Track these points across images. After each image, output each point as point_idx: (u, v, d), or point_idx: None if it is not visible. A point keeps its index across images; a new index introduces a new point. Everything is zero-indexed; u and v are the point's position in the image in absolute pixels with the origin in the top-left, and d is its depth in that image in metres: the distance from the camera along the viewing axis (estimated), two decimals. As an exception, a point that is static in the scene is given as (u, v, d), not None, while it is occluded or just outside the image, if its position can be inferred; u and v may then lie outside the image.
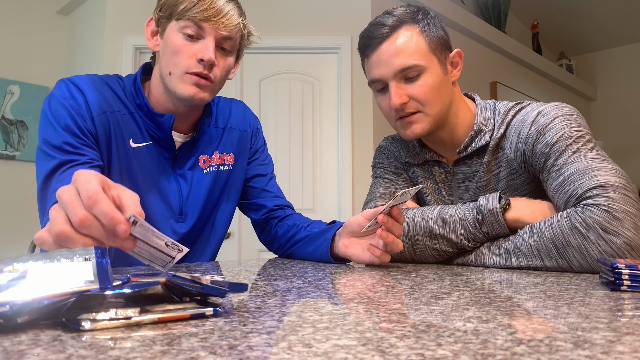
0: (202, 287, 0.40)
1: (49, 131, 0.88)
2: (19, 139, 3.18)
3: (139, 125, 0.97)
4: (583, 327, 0.36)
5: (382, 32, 0.96)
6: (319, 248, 0.96)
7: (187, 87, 0.91)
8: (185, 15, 0.89)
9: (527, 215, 0.87)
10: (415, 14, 0.98)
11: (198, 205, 1.04)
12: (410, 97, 0.96)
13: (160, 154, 0.99)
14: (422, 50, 0.96)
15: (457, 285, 0.60)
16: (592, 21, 5.23)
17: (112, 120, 0.93)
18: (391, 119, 1.01)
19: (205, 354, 0.29)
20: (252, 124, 1.17)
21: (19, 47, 3.23)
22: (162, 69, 0.94)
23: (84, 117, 0.90)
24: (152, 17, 0.96)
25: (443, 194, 1.10)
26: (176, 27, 0.91)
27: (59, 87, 0.92)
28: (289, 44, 2.94)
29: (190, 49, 0.90)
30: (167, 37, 0.93)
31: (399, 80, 0.96)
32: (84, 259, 0.40)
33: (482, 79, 3.97)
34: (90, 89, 0.93)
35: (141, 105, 0.97)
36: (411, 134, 0.99)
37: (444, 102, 0.98)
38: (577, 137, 0.89)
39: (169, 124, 0.96)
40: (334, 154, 2.94)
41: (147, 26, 0.97)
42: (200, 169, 1.04)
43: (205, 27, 0.90)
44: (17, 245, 3.00)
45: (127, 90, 0.97)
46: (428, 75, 0.96)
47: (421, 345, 0.31)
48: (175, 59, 0.91)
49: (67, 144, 0.87)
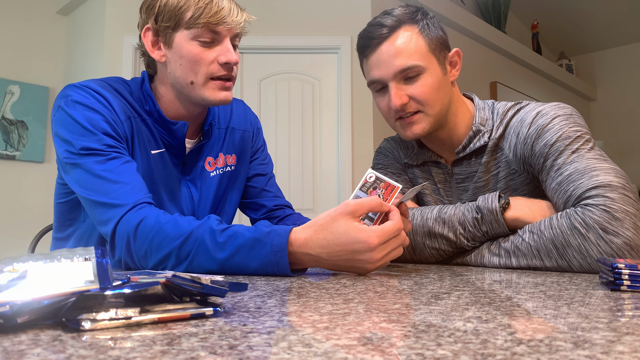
0: (202, 287, 0.40)
1: (85, 137, 0.84)
2: (19, 139, 3.18)
3: (153, 132, 0.95)
4: (583, 327, 0.36)
5: (381, 32, 0.96)
6: None
7: (218, 93, 0.91)
8: (196, 23, 0.87)
9: (527, 214, 0.87)
10: (415, 14, 0.98)
11: (207, 209, 1.04)
12: (410, 97, 0.96)
13: (171, 161, 0.99)
14: (422, 51, 0.96)
15: (457, 285, 0.60)
16: (592, 21, 5.23)
17: (135, 126, 0.92)
18: (390, 119, 1.01)
19: (205, 354, 0.29)
20: (253, 123, 1.17)
21: (19, 47, 3.23)
22: (178, 79, 0.92)
23: (116, 121, 0.88)
24: (148, 27, 0.92)
25: (442, 194, 1.10)
26: (189, 36, 0.89)
27: (77, 93, 0.88)
28: (289, 44, 2.94)
29: (209, 55, 0.90)
30: (179, 47, 0.90)
31: (398, 80, 0.96)
32: (84, 259, 0.40)
33: (482, 79, 3.97)
34: (109, 95, 0.90)
35: (151, 111, 0.95)
36: (411, 135, 0.99)
37: (443, 102, 0.98)
38: (576, 137, 0.89)
39: (183, 132, 0.95)
40: (334, 154, 2.94)
41: (144, 36, 0.93)
42: (207, 172, 1.04)
43: (220, 31, 0.89)
44: (17, 245, 3.00)
45: (135, 96, 0.95)
46: (427, 75, 0.96)
47: (421, 345, 0.31)
48: (196, 67, 0.90)
49: (109, 146, 0.84)
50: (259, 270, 0.70)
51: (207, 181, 1.04)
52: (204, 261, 0.72)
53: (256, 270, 0.70)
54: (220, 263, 0.71)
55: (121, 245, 0.78)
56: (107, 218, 0.80)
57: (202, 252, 0.72)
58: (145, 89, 0.95)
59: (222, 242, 0.71)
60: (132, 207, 0.78)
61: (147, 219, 0.76)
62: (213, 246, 0.71)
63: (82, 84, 0.91)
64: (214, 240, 0.71)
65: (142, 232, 0.75)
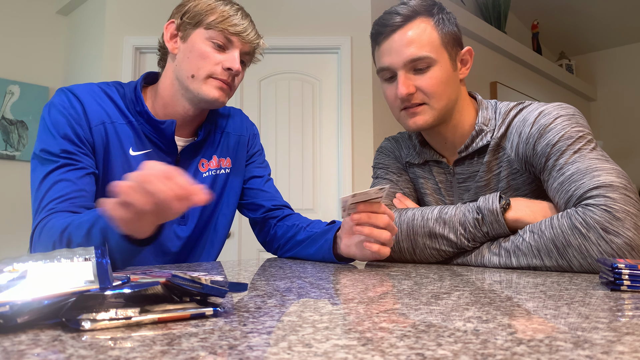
0: (202, 287, 0.40)
1: (47, 139, 0.90)
2: (19, 139, 3.18)
3: (139, 134, 0.99)
4: (583, 327, 0.36)
5: (395, 20, 0.97)
6: (321, 249, 0.96)
7: (212, 90, 0.97)
8: (216, 26, 0.96)
9: (527, 215, 0.87)
10: (432, 7, 0.98)
11: (198, 209, 1.06)
12: (417, 88, 0.96)
13: (162, 159, 1.00)
14: (434, 43, 0.96)
15: (457, 285, 0.60)
16: (592, 21, 5.23)
17: (110, 131, 0.96)
18: (395, 109, 1.01)
19: (205, 354, 0.29)
20: (249, 129, 1.20)
21: (19, 47, 3.23)
22: (182, 71, 0.98)
23: (83, 126, 0.93)
24: (173, 21, 1.00)
25: (443, 194, 1.10)
26: (204, 35, 0.97)
27: (58, 96, 0.94)
28: (289, 44, 2.94)
29: (216, 57, 0.96)
30: (192, 42, 0.97)
31: (408, 70, 0.96)
32: (84, 259, 0.40)
33: (482, 79, 3.97)
34: (89, 100, 0.95)
35: (142, 112, 0.99)
36: (414, 125, 0.99)
37: (450, 98, 0.98)
38: (579, 137, 0.89)
39: (171, 130, 0.98)
40: (334, 154, 2.94)
41: (167, 29, 1.01)
42: (200, 172, 1.07)
43: (233, 41, 0.98)
44: (17, 245, 3.00)
45: (128, 98, 1.00)
46: (437, 68, 0.96)
47: (421, 345, 0.31)
48: (200, 63, 0.96)
49: (64, 151, 0.90)
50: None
51: (199, 181, 1.05)
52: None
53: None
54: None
55: (35, 245, 0.84)
56: (34, 219, 0.87)
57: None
58: (137, 92, 1.00)
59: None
60: (47, 216, 0.84)
61: (51, 222, 0.82)
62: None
63: (70, 87, 0.96)
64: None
65: (47, 231, 0.81)
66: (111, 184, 0.62)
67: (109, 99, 0.98)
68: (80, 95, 0.95)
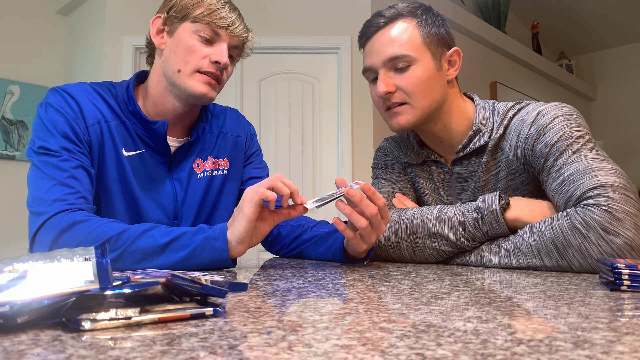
0: (202, 287, 0.40)
1: (46, 137, 0.90)
2: (19, 139, 3.18)
3: (131, 134, 0.98)
4: (583, 327, 0.36)
5: (378, 21, 0.99)
6: (331, 248, 0.96)
7: (199, 85, 0.95)
8: (202, 19, 0.94)
9: (527, 215, 0.87)
10: (416, 9, 1.00)
11: (193, 210, 1.04)
12: (397, 87, 0.97)
13: (155, 160, 1.00)
14: (415, 43, 0.96)
15: (457, 285, 0.60)
16: (592, 21, 5.23)
17: (105, 130, 0.95)
18: (380, 109, 1.02)
19: (205, 354, 0.29)
20: (246, 130, 1.18)
21: (19, 47, 3.23)
22: (169, 66, 0.96)
23: (80, 125, 0.92)
24: (159, 16, 0.99)
25: (441, 194, 1.10)
26: (191, 29, 0.95)
27: (53, 96, 0.93)
28: (289, 44, 2.94)
29: (203, 51, 0.95)
30: (179, 36, 0.96)
31: (388, 69, 0.97)
32: (84, 259, 0.40)
33: (482, 79, 3.97)
34: (84, 99, 0.95)
35: (134, 112, 0.98)
36: (397, 125, 0.99)
37: (433, 98, 0.98)
38: (577, 137, 0.89)
39: (163, 130, 0.97)
40: (334, 154, 2.94)
41: (153, 24, 0.99)
42: (195, 173, 1.05)
43: (221, 34, 0.96)
44: (17, 245, 3.00)
45: (120, 98, 0.99)
46: (417, 67, 0.96)
47: (421, 345, 0.31)
48: (187, 57, 0.95)
49: (64, 148, 0.89)
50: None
51: (194, 182, 1.04)
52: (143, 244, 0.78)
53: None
54: (162, 247, 0.78)
55: (47, 239, 0.80)
56: (38, 212, 0.83)
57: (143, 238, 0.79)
58: (129, 91, 0.99)
59: (167, 240, 0.79)
60: (63, 210, 0.82)
61: (84, 221, 0.81)
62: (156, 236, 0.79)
63: (63, 87, 0.95)
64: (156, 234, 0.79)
65: (78, 229, 0.80)
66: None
67: (102, 99, 0.97)
68: (75, 94, 0.94)
